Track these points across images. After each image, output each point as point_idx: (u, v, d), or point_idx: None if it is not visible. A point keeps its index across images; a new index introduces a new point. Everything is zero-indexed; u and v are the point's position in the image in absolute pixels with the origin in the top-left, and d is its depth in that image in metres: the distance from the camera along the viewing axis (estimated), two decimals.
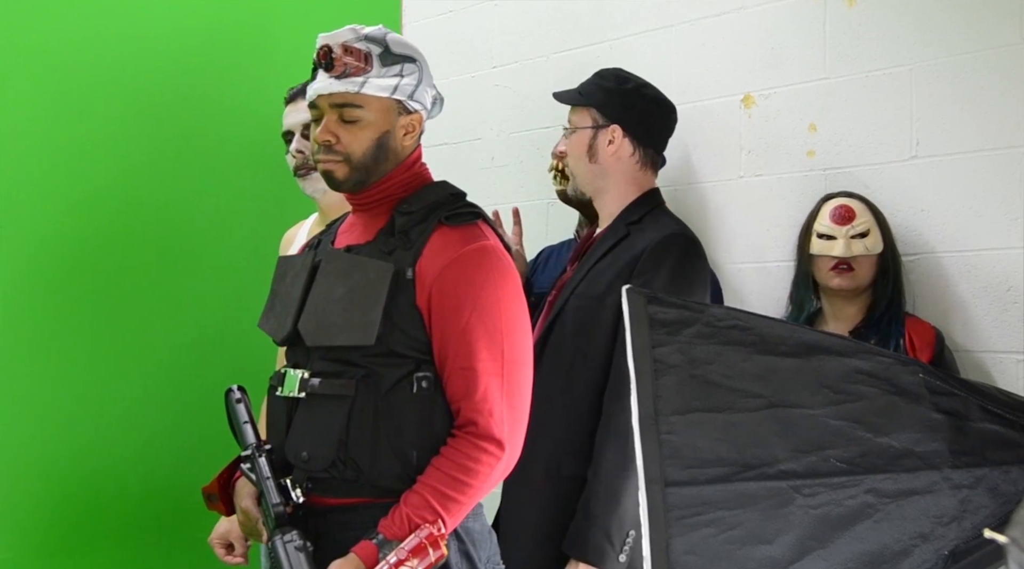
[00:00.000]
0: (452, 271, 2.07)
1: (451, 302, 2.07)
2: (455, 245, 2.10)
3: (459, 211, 2.16)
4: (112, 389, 3.21)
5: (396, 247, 2.12)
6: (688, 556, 1.89)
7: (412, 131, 2.19)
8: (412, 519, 1.99)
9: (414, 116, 2.19)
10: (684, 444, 1.93)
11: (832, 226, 2.65)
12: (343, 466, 2.06)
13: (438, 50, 3.77)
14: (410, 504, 2.01)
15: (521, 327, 2.13)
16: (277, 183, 2.93)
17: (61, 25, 3.17)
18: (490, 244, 2.13)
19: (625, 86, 2.78)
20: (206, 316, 3.38)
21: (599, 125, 2.74)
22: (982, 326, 2.62)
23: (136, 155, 3.28)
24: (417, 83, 2.17)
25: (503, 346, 2.08)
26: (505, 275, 2.12)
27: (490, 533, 2.19)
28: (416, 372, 2.07)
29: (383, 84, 2.13)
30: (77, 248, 3.18)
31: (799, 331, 2.14)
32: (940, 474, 2.00)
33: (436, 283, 2.07)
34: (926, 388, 2.04)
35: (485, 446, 2.04)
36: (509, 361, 2.08)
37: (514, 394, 2.09)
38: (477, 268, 2.08)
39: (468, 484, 2.03)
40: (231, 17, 3.48)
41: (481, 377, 2.05)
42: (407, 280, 2.08)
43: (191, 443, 3.27)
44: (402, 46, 2.18)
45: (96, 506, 3.18)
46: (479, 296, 2.07)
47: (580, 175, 2.79)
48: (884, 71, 2.79)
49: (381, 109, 2.15)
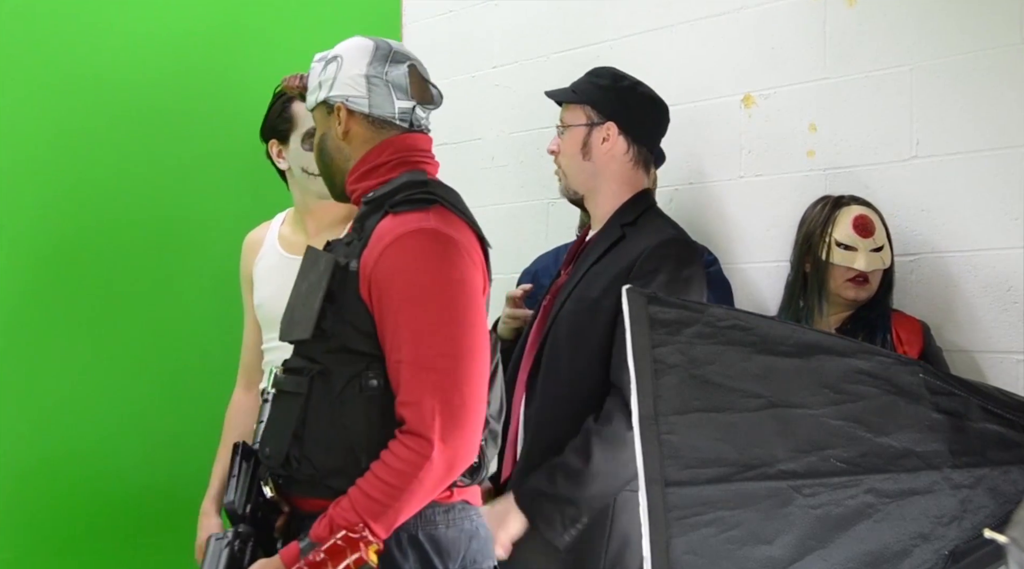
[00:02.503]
0: (386, 257, 2.00)
1: (384, 289, 1.99)
2: (393, 230, 2.02)
3: (411, 197, 2.06)
4: (112, 389, 3.21)
5: (353, 239, 2.11)
6: (688, 556, 1.89)
7: (342, 123, 2.14)
8: (335, 521, 1.94)
9: (336, 108, 2.15)
10: (684, 444, 1.93)
11: (855, 237, 2.62)
12: (297, 463, 2.04)
13: (438, 50, 3.77)
14: (337, 507, 1.96)
15: (466, 315, 2.00)
16: (277, 183, 2.93)
17: (61, 25, 3.17)
18: (430, 226, 2.02)
19: (621, 84, 2.77)
20: (206, 316, 3.38)
21: (594, 122, 2.72)
22: (982, 326, 2.62)
23: (134, 155, 3.28)
24: (334, 76, 2.14)
25: (440, 335, 1.96)
26: (446, 260, 2.00)
27: (471, 539, 2.10)
28: (367, 370, 2.02)
29: (312, 90, 2.19)
30: (77, 248, 3.18)
31: (799, 331, 2.13)
32: (940, 474, 2.00)
33: (373, 272, 2.00)
34: (926, 388, 2.04)
35: (414, 446, 1.94)
36: (444, 354, 1.96)
37: (450, 388, 1.95)
38: (411, 252, 1.99)
39: (399, 488, 1.94)
40: (231, 17, 3.49)
41: (410, 369, 1.96)
42: (351, 272, 2.03)
43: (191, 443, 3.27)
44: (337, 48, 2.18)
45: (96, 506, 3.18)
46: (411, 282, 1.98)
47: (572, 174, 2.75)
48: (884, 71, 2.79)
49: (318, 116, 2.21)
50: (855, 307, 2.67)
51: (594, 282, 2.63)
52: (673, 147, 2.89)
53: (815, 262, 2.68)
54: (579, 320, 2.61)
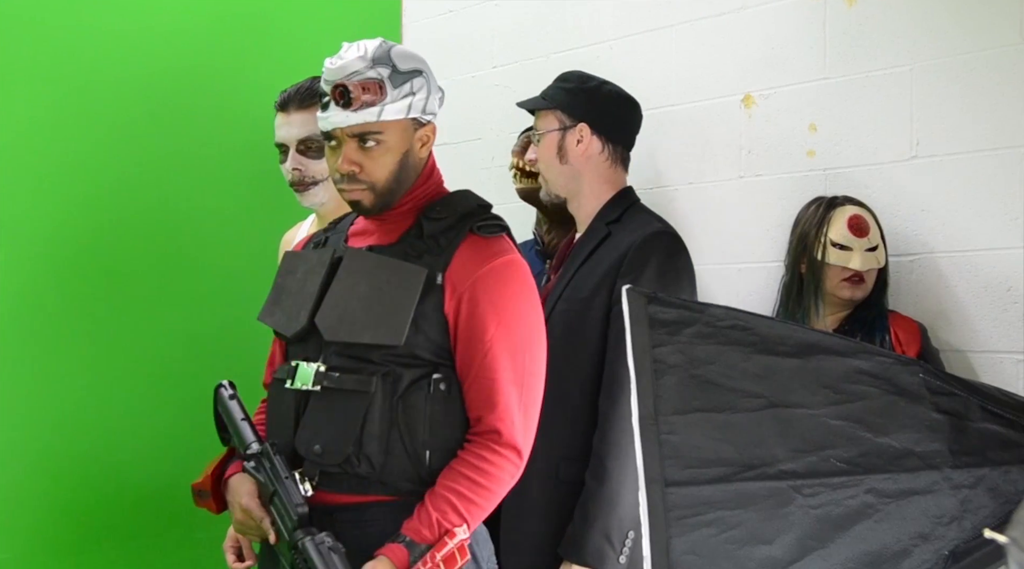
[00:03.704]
0: (483, 283, 2.12)
1: (479, 313, 2.11)
2: (486, 256, 2.14)
3: (488, 222, 2.20)
4: (112, 389, 3.21)
5: (424, 251, 2.15)
6: (688, 556, 1.89)
7: (427, 142, 2.22)
8: (441, 523, 2.03)
9: (428, 127, 2.21)
10: (684, 444, 1.93)
11: (851, 237, 2.63)
12: (356, 462, 2.08)
13: (438, 50, 3.77)
14: (437, 507, 2.03)
15: (539, 340, 2.19)
16: (276, 183, 2.93)
17: (61, 25, 3.17)
18: (517, 258, 2.19)
19: (587, 85, 2.79)
20: (206, 316, 3.38)
21: (566, 126, 2.74)
22: (982, 326, 2.62)
23: (135, 155, 3.28)
24: (428, 94, 2.18)
25: (524, 359, 2.14)
26: (528, 290, 2.18)
27: (486, 541, 2.22)
28: (433, 374, 2.11)
29: (399, 107, 2.14)
30: (77, 248, 3.18)
31: (799, 331, 2.14)
32: (940, 474, 2.00)
33: (467, 292, 2.11)
34: (926, 388, 2.04)
35: (506, 454, 2.09)
36: (528, 373, 2.15)
37: (529, 405, 2.15)
38: (506, 282, 2.14)
39: (489, 489, 2.08)
40: (231, 17, 3.48)
41: (504, 388, 2.10)
42: (436, 285, 2.11)
43: (191, 443, 3.26)
44: (408, 60, 2.17)
45: (97, 506, 3.17)
46: (506, 310, 2.13)
47: (553, 178, 2.78)
48: (884, 71, 2.79)
49: (399, 130, 2.16)
50: (851, 307, 2.67)
51: (583, 282, 2.65)
52: (673, 147, 2.89)
53: (811, 263, 2.68)
54: (572, 320, 2.62)
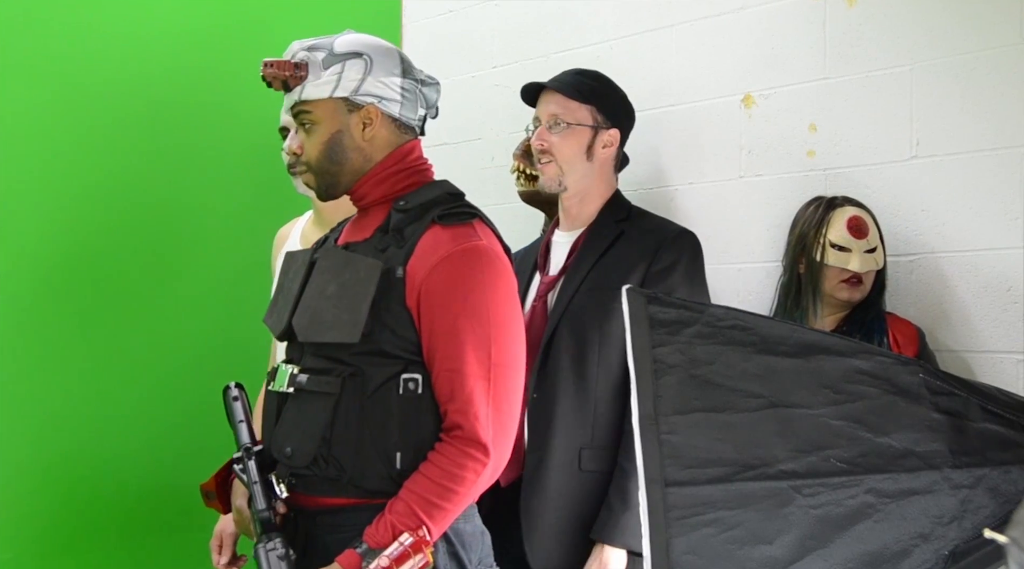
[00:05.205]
0: (441, 271, 2.06)
1: (439, 302, 2.05)
2: (446, 244, 2.08)
3: (454, 210, 2.14)
4: (112, 389, 3.21)
5: (389, 245, 2.12)
6: (688, 556, 1.89)
7: (371, 124, 2.16)
8: (396, 527, 1.99)
9: (367, 109, 2.16)
10: (684, 444, 1.93)
11: (850, 238, 2.62)
12: (325, 464, 2.06)
13: (438, 50, 3.77)
14: (395, 512, 2.00)
15: (511, 330, 2.10)
16: (275, 182, 2.93)
17: (61, 25, 3.17)
18: (482, 244, 2.10)
19: (619, 91, 2.81)
20: (206, 315, 3.38)
21: (600, 125, 2.74)
22: (982, 326, 2.62)
23: (134, 155, 3.28)
24: (363, 76, 2.15)
25: (490, 349, 2.06)
26: (497, 276, 2.10)
27: (483, 534, 2.18)
28: (403, 373, 2.06)
29: (321, 83, 2.14)
30: (76, 248, 3.18)
31: (799, 331, 2.13)
32: (940, 474, 2.00)
33: (425, 282, 2.06)
34: (926, 388, 2.04)
35: (471, 452, 2.03)
36: (496, 364, 2.06)
37: (501, 398, 2.06)
38: (467, 268, 2.07)
39: (454, 491, 2.02)
40: (230, 17, 3.49)
41: (467, 379, 2.04)
42: (397, 279, 2.07)
43: (191, 443, 3.27)
44: (349, 44, 2.17)
45: (96, 506, 3.18)
46: (468, 297, 2.05)
47: (572, 172, 2.73)
48: (884, 71, 2.79)
49: (327, 110, 2.15)
50: (849, 308, 2.67)
51: (610, 272, 2.64)
52: (673, 147, 2.89)
53: (809, 263, 2.68)
54: (595, 312, 2.61)
